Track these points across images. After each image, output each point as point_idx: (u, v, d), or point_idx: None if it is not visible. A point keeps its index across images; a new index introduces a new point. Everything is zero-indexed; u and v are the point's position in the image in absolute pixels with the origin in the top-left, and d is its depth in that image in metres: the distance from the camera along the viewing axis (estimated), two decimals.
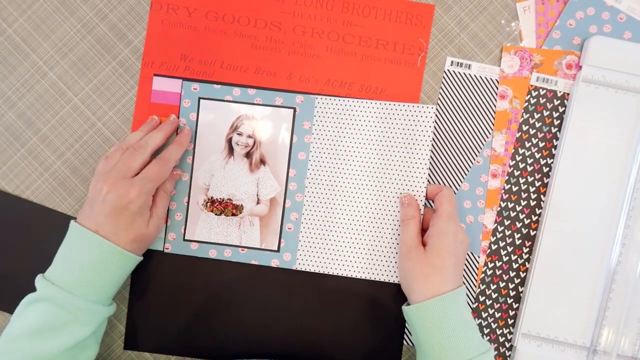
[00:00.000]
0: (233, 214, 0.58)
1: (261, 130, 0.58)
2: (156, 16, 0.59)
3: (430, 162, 0.59)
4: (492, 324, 0.58)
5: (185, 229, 0.58)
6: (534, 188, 0.58)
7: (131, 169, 0.52)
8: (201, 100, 0.58)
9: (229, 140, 0.58)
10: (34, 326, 0.48)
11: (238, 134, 0.58)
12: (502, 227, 0.58)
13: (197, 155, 0.58)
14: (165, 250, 0.58)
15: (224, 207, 0.58)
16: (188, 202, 0.58)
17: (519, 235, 0.58)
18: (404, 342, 0.58)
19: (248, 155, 0.58)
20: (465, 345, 0.49)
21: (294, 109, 0.58)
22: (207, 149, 0.58)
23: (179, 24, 0.59)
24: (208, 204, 0.58)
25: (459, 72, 0.59)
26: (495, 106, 0.59)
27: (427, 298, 0.51)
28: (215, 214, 0.58)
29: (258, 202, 0.58)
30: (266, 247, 0.58)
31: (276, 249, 0.58)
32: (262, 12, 0.59)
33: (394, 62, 0.59)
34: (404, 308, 0.53)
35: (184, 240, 0.58)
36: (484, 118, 0.59)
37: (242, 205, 0.58)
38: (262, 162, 0.58)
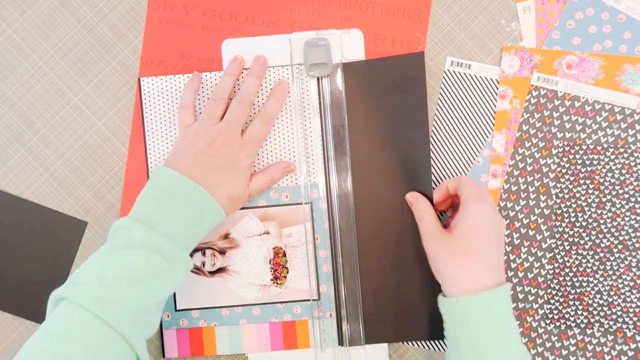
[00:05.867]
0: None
1: None
2: (154, 15, 0.59)
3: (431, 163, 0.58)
4: None
5: None
6: (534, 188, 0.58)
7: (241, 124, 0.53)
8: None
9: None
10: (137, 272, 0.45)
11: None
12: None
13: None
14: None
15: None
16: None
17: (518, 235, 0.58)
18: (414, 344, 0.58)
19: None
20: (498, 349, 0.47)
21: None
22: None
23: (176, 22, 0.59)
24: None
25: (459, 72, 0.59)
26: (495, 106, 0.59)
27: (462, 290, 0.47)
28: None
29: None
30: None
31: None
32: (260, 10, 0.59)
33: None
34: (439, 299, 0.51)
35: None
36: (484, 118, 0.59)
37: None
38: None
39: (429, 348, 0.59)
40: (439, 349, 0.58)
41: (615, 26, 0.58)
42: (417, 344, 0.58)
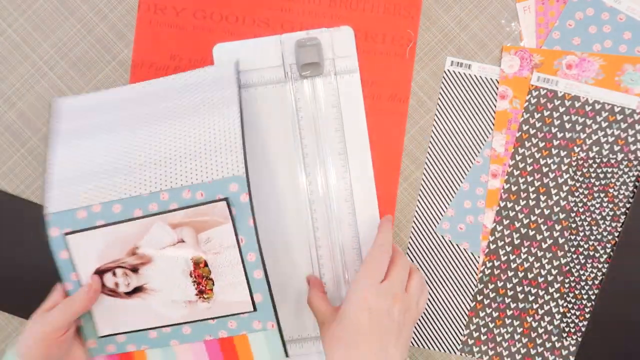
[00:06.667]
0: None
1: None
2: (144, 17, 0.59)
3: (425, 163, 0.58)
4: (490, 323, 0.58)
5: None
6: (534, 188, 0.58)
7: None
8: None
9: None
10: None
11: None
12: (501, 227, 0.58)
13: None
14: None
15: None
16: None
17: (518, 235, 0.58)
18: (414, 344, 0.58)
19: None
20: None
21: None
22: None
23: (167, 24, 0.59)
24: None
25: (459, 72, 0.59)
26: (495, 106, 0.59)
27: None
28: None
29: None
30: None
31: None
32: (250, 10, 0.59)
33: (383, 54, 0.59)
34: None
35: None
36: (484, 118, 0.59)
37: None
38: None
39: (429, 348, 0.59)
40: (439, 349, 0.58)
41: (615, 26, 0.58)
42: (418, 344, 0.58)
